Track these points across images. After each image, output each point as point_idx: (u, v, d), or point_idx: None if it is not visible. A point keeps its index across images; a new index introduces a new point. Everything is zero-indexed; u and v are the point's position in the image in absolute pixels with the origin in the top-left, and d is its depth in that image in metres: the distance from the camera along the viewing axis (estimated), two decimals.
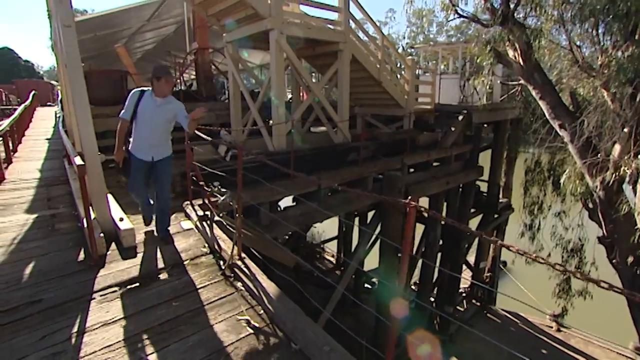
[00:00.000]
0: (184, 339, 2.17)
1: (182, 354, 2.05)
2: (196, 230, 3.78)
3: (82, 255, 3.22)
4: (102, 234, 3.25)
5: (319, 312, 5.40)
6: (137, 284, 2.76)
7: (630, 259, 6.16)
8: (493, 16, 6.55)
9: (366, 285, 11.38)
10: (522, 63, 6.79)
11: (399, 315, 1.78)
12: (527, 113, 10.01)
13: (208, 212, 3.71)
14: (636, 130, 5.63)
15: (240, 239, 2.94)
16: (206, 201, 3.78)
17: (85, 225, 3.19)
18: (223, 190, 3.54)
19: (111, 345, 2.10)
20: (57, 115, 15.75)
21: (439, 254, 10.16)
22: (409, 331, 2.21)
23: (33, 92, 21.18)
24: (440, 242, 9.96)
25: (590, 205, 7.20)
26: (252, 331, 2.25)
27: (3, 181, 5.91)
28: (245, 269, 2.82)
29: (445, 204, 9.62)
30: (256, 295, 2.57)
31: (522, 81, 7.46)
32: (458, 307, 11.18)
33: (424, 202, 9.99)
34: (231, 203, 3.31)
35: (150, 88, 3.28)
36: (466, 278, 12.01)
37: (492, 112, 10.25)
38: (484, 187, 11.10)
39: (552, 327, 10.36)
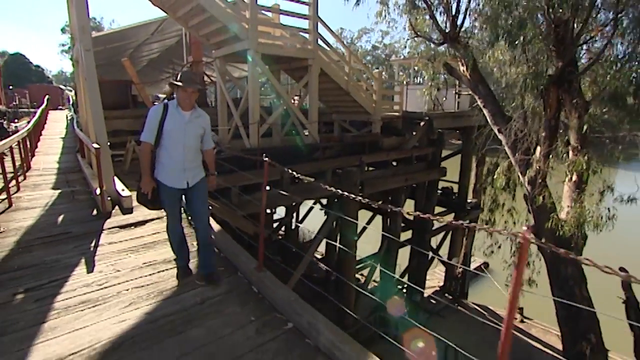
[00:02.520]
0: (157, 251, 3.58)
1: (155, 256, 3.45)
2: None
3: (95, 212, 4.65)
4: (109, 198, 4.62)
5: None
6: (132, 227, 4.15)
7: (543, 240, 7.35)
8: (440, 36, 7.84)
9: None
10: (468, 76, 8.02)
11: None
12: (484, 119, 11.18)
13: None
14: (547, 134, 6.90)
15: None
16: None
17: (98, 192, 4.54)
18: None
19: (113, 251, 3.52)
20: (69, 118, 17.31)
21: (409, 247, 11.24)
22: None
23: (47, 96, 22.88)
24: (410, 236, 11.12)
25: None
26: None
27: (30, 169, 7.33)
28: None
29: (413, 201, 10.84)
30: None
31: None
32: (432, 300, 12.15)
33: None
34: None
35: (170, 100, 2.91)
36: (438, 273, 13.10)
37: (456, 119, 11.46)
38: (456, 189, 12.20)
39: (516, 319, 11.40)
